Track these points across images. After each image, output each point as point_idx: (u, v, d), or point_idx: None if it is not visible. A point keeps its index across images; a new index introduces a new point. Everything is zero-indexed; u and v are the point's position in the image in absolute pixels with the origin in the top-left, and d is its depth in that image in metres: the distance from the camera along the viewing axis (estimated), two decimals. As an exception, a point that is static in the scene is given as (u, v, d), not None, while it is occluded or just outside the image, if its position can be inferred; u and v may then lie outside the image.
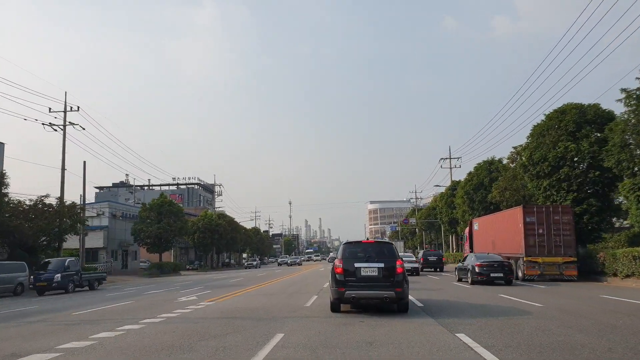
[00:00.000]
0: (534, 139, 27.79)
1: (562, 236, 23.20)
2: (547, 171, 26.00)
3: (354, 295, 10.58)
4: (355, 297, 10.59)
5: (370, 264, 10.70)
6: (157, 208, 53.41)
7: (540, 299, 14.00)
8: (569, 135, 25.41)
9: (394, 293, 10.46)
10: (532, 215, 23.52)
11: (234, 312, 12.03)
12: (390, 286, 10.53)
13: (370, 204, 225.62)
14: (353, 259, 10.96)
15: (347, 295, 10.58)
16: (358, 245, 11.58)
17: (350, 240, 12.60)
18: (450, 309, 11.98)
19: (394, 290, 10.48)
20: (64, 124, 36.12)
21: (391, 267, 10.68)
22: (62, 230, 32.91)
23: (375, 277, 10.61)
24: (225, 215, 78.38)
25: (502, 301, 13.81)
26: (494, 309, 11.89)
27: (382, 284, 10.57)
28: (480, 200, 40.89)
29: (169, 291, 22.22)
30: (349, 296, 10.59)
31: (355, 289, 10.58)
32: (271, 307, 13.12)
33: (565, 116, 25.84)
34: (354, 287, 10.60)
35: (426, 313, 11.10)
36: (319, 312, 11.56)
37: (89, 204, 52.00)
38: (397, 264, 10.75)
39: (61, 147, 35.42)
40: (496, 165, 41.95)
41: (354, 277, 10.67)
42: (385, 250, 11.22)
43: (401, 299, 10.70)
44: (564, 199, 25.48)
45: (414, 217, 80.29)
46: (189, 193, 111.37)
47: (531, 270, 22.97)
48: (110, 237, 53.66)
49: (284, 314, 11.35)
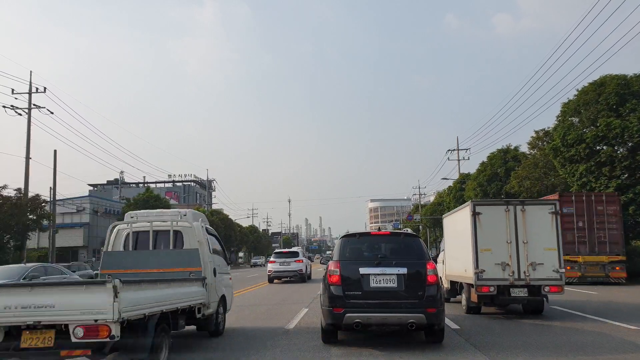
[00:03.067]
0: (565, 118, 23.78)
1: (607, 230, 19.19)
2: (583, 154, 21.92)
3: (359, 320, 6.65)
4: (360, 322, 6.66)
5: (386, 269, 6.81)
6: (142, 204, 49.23)
7: (622, 315, 9.98)
8: (610, 110, 21.35)
9: (425, 315, 6.54)
10: (569, 205, 19.49)
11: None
12: (418, 304, 6.61)
13: (371, 202, 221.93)
14: (357, 260, 7.10)
15: (348, 319, 6.66)
16: (365, 240, 7.66)
17: (352, 231, 8.39)
18: (497, 333, 8.22)
19: (425, 310, 6.56)
20: (28, 107, 32.05)
21: (419, 273, 6.79)
22: (24, 227, 28.89)
23: (394, 290, 6.72)
24: (219, 212, 74.43)
25: (564, 317, 9.80)
26: (563, 332, 7.96)
27: (406, 301, 6.69)
28: (495, 193, 36.86)
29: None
30: (351, 320, 6.65)
31: (362, 309, 6.68)
32: (236, 332, 9.12)
33: (605, 88, 21.78)
34: (359, 306, 6.70)
35: (470, 343, 7.19)
36: (303, 343, 7.56)
37: (67, 198, 48.11)
38: (428, 269, 6.83)
39: (22, 128, 31.52)
40: (512, 154, 37.91)
41: (359, 290, 6.77)
42: (409, 246, 7.28)
43: (433, 325, 6.74)
44: (605, 187, 21.43)
45: (418, 214, 76.19)
46: (185, 190, 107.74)
47: (570, 272, 18.92)
48: (91, 235, 49.69)
49: (247, 349, 7.36)
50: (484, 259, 10.08)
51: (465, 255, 10.69)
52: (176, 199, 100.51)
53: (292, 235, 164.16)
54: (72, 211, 48.42)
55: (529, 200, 13.61)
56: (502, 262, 10.03)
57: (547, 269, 9.93)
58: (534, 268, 9.93)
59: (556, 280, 9.87)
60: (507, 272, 9.97)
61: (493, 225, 10.23)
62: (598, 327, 8.69)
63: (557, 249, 10.03)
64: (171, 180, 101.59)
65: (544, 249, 10.04)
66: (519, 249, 10.06)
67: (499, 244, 10.11)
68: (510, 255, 10.04)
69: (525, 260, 9.96)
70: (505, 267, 10.01)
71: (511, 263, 10.02)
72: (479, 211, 10.38)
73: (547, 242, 10.07)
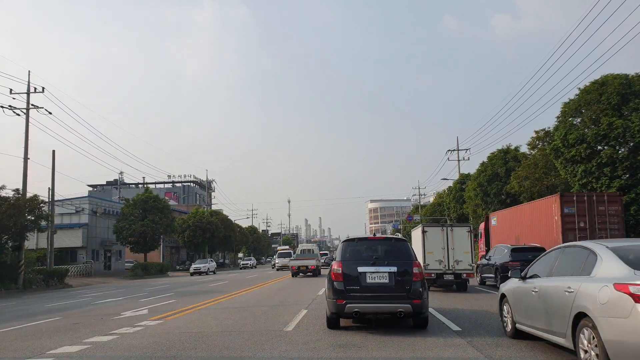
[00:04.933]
0: (566, 118, 23.59)
1: (609, 231, 19.00)
2: (584, 154, 21.75)
3: (358, 310, 8.28)
4: (359, 311, 8.30)
5: (379, 268, 8.43)
6: (141, 204, 49.03)
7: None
8: (612, 109, 21.18)
9: (411, 306, 8.15)
10: (571, 205, 19.32)
11: (171, 344, 7.84)
12: (406, 297, 8.23)
13: (371, 203, 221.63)
14: (356, 261, 8.67)
15: (349, 309, 8.25)
16: (363, 243, 9.29)
17: (352, 236, 9.94)
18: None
19: (411, 301, 8.17)
20: (27, 107, 31.91)
21: (407, 271, 8.42)
22: (21, 228, 28.70)
23: (386, 285, 8.35)
24: (219, 212, 74.16)
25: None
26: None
27: (395, 293, 8.29)
28: (496, 193, 36.70)
29: (129, 299, 18.07)
30: (351, 310, 8.26)
31: (360, 301, 8.28)
32: (234, 331, 8.96)
33: (607, 88, 21.60)
34: (357, 298, 8.29)
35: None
36: (303, 344, 7.42)
37: (66, 199, 47.93)
38: (414, 268, 8.48)
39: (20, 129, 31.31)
40: (513, 154, 37.74)
41: (357, 285, 8.36)
42: (398, 249, 8.95)
43: (419, 313, 8.39)
44: (606, 187, 21.25)
45: (418, 214, 75.97)
46: (185, 191, 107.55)
47: (571, 273, 18.84)
48: (90, 236, 49.44)
49: (246, 348, 7.22)
50: (428, 258, 16.64)
51: (419, 255, 14.95)
52: (175, 199, 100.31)
53: (291, 236, 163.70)
54: (71, 212, 48.21)
55: (454, 224, 18.87)
56: (439, 259, 16.64)
57: (464, 264, 16.58)
58: (457, 263, 16.55)
59: (470, 270, 16.67)
60: (442, 265, 16.57)
61: (434, 238, 16.81)
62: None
63: (470, 252, 16.72)
64: (171, 181, 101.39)
65: (463, 252, 16.66)
66: (449, 252, 16.67)
67: (437, 249, 16.71)
68: (444, 256, 16.65)
69: (452, 258, 16.60)
70: (441, 262, 16.59)
71: (444, 260, 16.62)
72: (426, 230, 17.07)
73: (465, 248, 16.71)
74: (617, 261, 5.19)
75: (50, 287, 31.07)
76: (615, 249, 5.46)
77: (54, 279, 32.30)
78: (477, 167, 41.04)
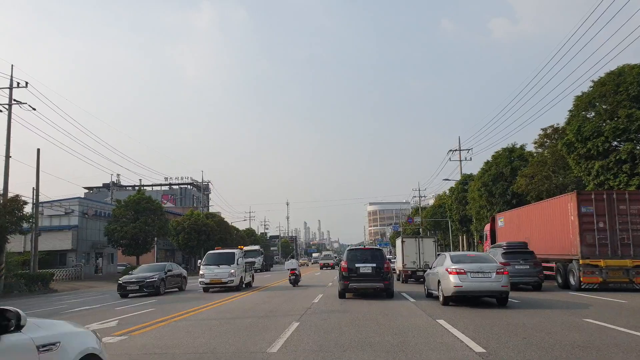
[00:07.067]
0: (579, 112, 22.06)
1: (631, 231, 17.50)
2: (601, 149, 20.19)
3: (355, 286, 15.21)
4: (356, 287, 15.27)
5: (367, 264, 15.23)
6: (133, 205, 47.32)
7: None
8: (631, 101, 19.65)
9: (383, 285, 15.16)
10: (589, 204, 17.80)
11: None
12: (381, 279, 15.12)
13: (370, 206, 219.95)
14: (355, 260, 15.38)
15: (351, 286, 15.19)
16: (358, 251, 16.62)
17: (352, 247, 18.34)
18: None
19: (383, 282, 15.14)
20: (9, 103, 30.39)
21: (381, 266, 15.28)
22: (1, 229, 27.09)
23: (370, 273, 15.14)
24: (215, 214, 72.46)
25: (605, 335, 8.06)
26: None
27: (375, 278, 15.14)
28: (501, 193, 35.14)
29: (106, 307, 16.47)
30: (352, 287, 15.24)
31: (356, 282, 15.13)
32: (206, 352, 7.34)
33: (625, 78, 20.09)
34: (355, 280, 15.11)
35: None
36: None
37: (54, 200, 46.31)
38: (385, 264, 15.34)
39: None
40: (518, 153, 36.18)
41: (355, 273, 15.12)
42: (378, 254, 16.01)
43: (388, 289, 15.28)
44: (624, 185, 19.72)
45: (419, 216, 74.31)
46: (182, 193, 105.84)
47: (590, 277, 17.24)
48: (80, 238, 47.72)
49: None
50: (406, 259, 24.03)
51: (399, 258, 24.82)
52: (172, 201, 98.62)
53: (290, 239, 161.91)
54: (60, 214, 46.58)
55: (424, 236, 24.90)
56: (413, 261, 23.88)
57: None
58: (426, 264, 21.97)
59: None
60: (415, 265, 23.77)
61: (410, 246, 24.29)
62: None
63: (434, 256, 21.45)
64: (167, 183, 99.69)
65: (431, 256, 22.84)
66: (420, 256, 23.87)
67: (412, 254, 23.99)
68: (417, 258, 23.85)
69: (422, 260, 23.49)
70: (414, 263, 23.81)
71: (417, 261, 23.81)
72: (404, 240, 24.81)
73: (431, 253, 23.54)
74: (449, 260, 13.35)
75: (33, 292, 29.40)
76: (451, 255, 13.81)
77: (38, 283, 30.67)
78: (481, 167, 39.51)
